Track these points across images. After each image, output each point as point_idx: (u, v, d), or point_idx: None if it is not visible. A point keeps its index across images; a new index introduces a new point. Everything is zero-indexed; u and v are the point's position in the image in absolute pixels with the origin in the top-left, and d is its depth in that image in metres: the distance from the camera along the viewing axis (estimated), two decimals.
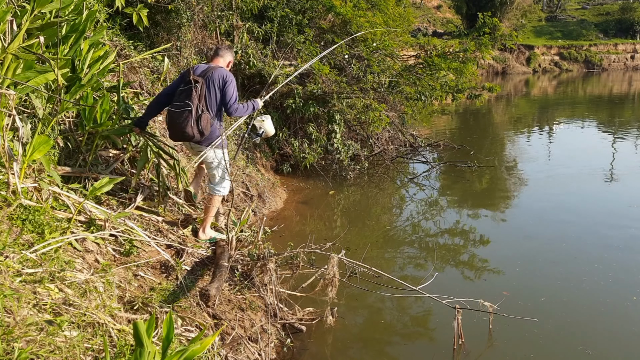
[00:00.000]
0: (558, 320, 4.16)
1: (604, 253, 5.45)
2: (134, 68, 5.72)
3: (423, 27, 31.01)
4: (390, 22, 9.75)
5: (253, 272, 3.97)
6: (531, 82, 27.80)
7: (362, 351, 3.87)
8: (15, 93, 3.08)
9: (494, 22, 9.66)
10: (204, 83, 3.89)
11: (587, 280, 4.84)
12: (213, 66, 4.03)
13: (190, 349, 2.14)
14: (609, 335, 4.00)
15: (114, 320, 2.82)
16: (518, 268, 5.15)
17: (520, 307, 4.25)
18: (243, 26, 8.13)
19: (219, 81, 3.93)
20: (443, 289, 4.26)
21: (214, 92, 3.92)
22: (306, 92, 7.91)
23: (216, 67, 4.00)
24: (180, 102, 3.85)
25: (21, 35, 3.11)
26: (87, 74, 3.74)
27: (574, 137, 12.92)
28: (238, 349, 3.35)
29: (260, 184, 6.89)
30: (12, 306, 2.37)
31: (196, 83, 3.85)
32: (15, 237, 2.90)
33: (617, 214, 6.73)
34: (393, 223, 6.80)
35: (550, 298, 4.51)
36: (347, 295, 4.46)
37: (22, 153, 3.15)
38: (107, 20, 5.57)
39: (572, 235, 5.98)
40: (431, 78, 9.37)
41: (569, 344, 3.88)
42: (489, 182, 8.45)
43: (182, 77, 4.04)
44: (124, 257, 3.48)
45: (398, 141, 10.08)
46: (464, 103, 15.24)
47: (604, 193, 7.78)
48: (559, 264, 5.21)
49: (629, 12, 36.28)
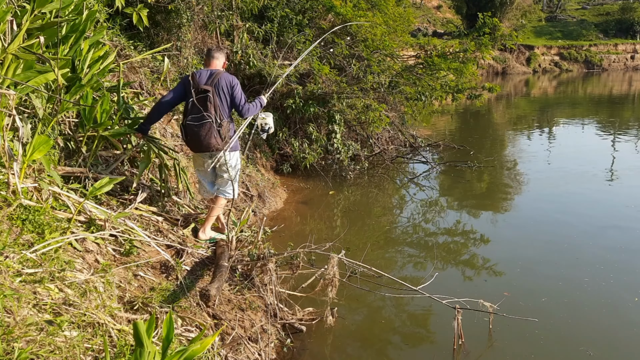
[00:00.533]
0: (559, 321, 4.15)
1: (604, 254, 5.44)
2: (134, 68, 5.72)
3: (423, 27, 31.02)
4: (390, 22, 9.75)
5: (253, 272, 3.97)
6: (531, 82, 27.80)
7: (362, 351, 3.87)
8: (15, 93, 3.08)
9: (494, 22, 9.65)
10: (214, 91, 3.91)
11: (589, 281, 4.83)
12: (214, 71, 4.03)
13: (190, 349, 2.14)
14: (610, 336, 3.99)
15: (114, 320, 2.82)
16: (519, 269, 5.15)
17: (521, 308, 4.25)
18: (243, 26, 8.13)
19: (227, 86, 3.97)
20: (443, 289, 4.26)
21: (224, 97, 3.96)
22: (306, 92, 7.91)
23: (219, 72, 4.01)
24: (198, 114, 3.87)
25: (21, 35, 3.11)
26: (87, 74, 3.74)
27: (574, 137, 12.91)
28: (238, 349, 3.35)
29: (260, 184, 6.90)
30: (12, 306, 2.36)
31: (207, 92, 3.88)
32: (15, 237, 2.90)
33: (617, 214, 6.73)
34: (393, 223, 6.80)
35: (551, 299, 4.50)
36: (347, 295, 4.46)
37: (22, 153, 3.15)
38: (107, 20, 5.57)
39: (572, 236, 5.98)
40: (431, 78, 9.37)
41: (570, 344, 3.88)
42: (489, 182, 8.45)
43: (184, 86, 4.03)
44: (124, 257, 3.48)
45: (398, 141, 10.08)
46: (464, 103, 15.24)
47: (605, 193, 7.77)
48: (560, 264, 5.21)
49: (629, 12, 36.27)
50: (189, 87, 3.96)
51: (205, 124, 3.88)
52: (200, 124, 3.88)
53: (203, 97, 3.90)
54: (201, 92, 3.91)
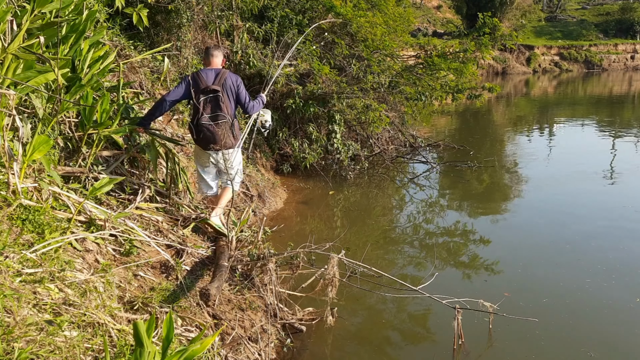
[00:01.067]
0: (560, 321, 4.15)
1: (605, 254, 5.44)
2: (134, 68, 5.72)
3: (423, 27, 31.02)
4: (390, 22, 9.75)
5: (253, 272, 3.97)
6: (531, 82, 27.80)
7: (362, 351, 3.87)
8: (15, 93, 3.08)
9: (494, 22, 9.66)
10: (223, 90, 4.06)
11: (589, 282, 4.83)
12: (219, 70, 4.15)
13: (190, 349, 2.14)
14: (611, 337, 3.99)
15: (114, 320, 2.82)
16: (519, 269, 5.14)
17: (521, 308, 4.25)
18: (243, 26, 8.13)
19: (233, 85, 4.13)
20: (443, 289, 4.25)
21: (232, 97, 4.13)
22: (306, 92, 7.91)
23: (224, 72, 4.15)
24: (213, 114, 4.04)
25: (21, 35, 3.11)
26: (87, 74, 3.74)
27: (574, 137, 12.92)
28: (238, 349, 3.35)
29: (260, 184, 6.90)
30: (12, 306, 2.36)
31: (218, 92, 4.02)
32: (15, 237, 2.90)
33: (617, 215, 6.72)
34: (393, 223, 6.80)
35: (552, 299, 4.50)
36: (347, 295, 4.46)
37: (22, 153, 3.15)
38: (107, 20, 5.57)
39: (572, 236, 5.98)
40: (431, 78, 9.37)
41: (570, 345, 3.88)
42: (489, 182, 8.45)
43: (188, 85, 4.07)
44: (124, 257, 3.48)
45: (398, 141, 10.08)
46: (464, 103, 15.25)
47: (605, 194, 7.76)
48: (560, 264, 5.21)
49: (629, 12, 36.25)
50: (194, 87, 4.04)
51: (222, 123, 4.05)
52: (216, 123, 4.04)
53: (214, 97, 4.03)
54: (211, 92, 4.02)
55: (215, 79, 4.06)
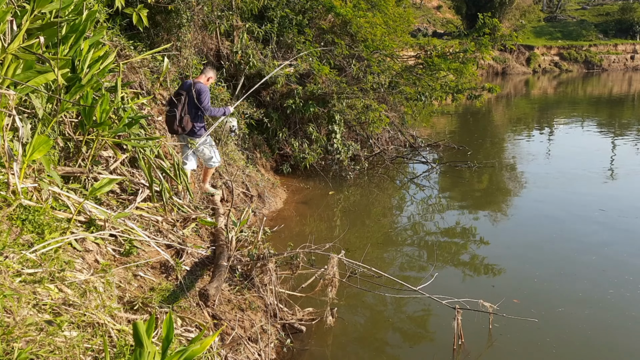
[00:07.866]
0: (560, 322, 4.15)
1: (605, 254, 5.45)
2: (134, 68, 5.72)
3: (423, 27, 31.04)
4: (390, 23, 9.76)
5: (253, 272, 3.97)
6: (531, 83, 27.81)
7: (362, 351, 3.87)
8: (15, 93, 3.08)
9: (493, 22, 9.66)
10: (187, 95, 5.25)
11: (590, 282, 4.83)
12: (194, 82, 5.31)
13: (190, 349, 2.14)
14: (611, 338, 3.99)
15: (114, 321, 2.82)
16: (519, 269, 5.14)
17: (521, 308, 4.25)
18: (243, 26, 8.13)
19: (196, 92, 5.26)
20: (443, 289, 4.26)
21: (193, 100, 5.23)
22: (306, 92, 7.91)
23: (196, 83, 5.30)
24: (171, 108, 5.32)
25: (21, 35, 3.11)
26: (87, 74, 3.74)
27: (574, 137, 12.91)
28: (238, 349, 3.35)
29: (260, 184, 6.90)
30: (12, 306, 2.36)
31: (180, 96, 5.25)
32: (15, 237, 2.90)
33: (617, 215, 6.72)
34: (393, 223, 6.80)
35: (552, 299, 4.50)
36: (347, 295, 4.46)
37: (22, 153, 3.14)
38: (107, 20, 5.57)
39: (572, 236, 5.99)
40: (431, 78, 9.37)
41: (571, 345, 3.87)
42: (488, 183, 8.45)
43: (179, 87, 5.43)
44: (123, 257, 3.48)
45: (398, 141, 10.08)
46: (464, 103, 15.25)
47: (605, 194, 7.76)
48: (560, 264, 5.21)
49: (629, 13, 36.28)
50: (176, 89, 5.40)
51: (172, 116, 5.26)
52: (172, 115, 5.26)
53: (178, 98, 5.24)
54: (177, 95, 5.27)
55: (185, 87, 5.26)
